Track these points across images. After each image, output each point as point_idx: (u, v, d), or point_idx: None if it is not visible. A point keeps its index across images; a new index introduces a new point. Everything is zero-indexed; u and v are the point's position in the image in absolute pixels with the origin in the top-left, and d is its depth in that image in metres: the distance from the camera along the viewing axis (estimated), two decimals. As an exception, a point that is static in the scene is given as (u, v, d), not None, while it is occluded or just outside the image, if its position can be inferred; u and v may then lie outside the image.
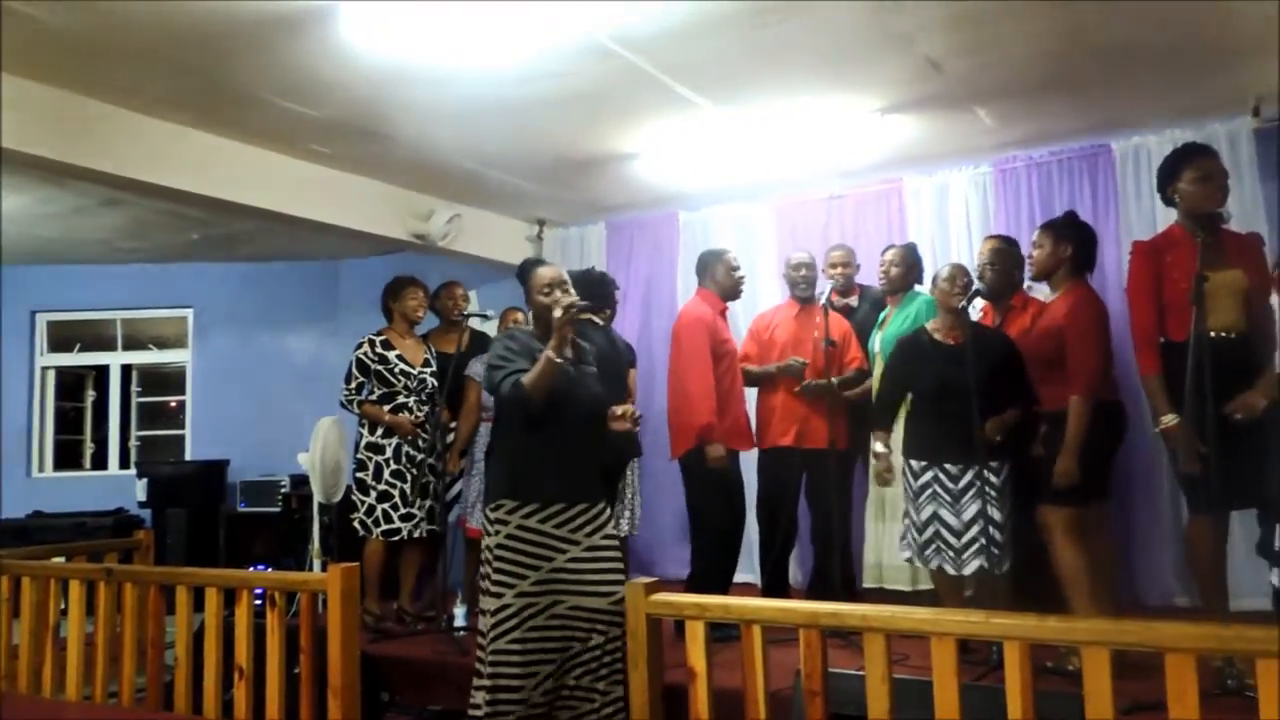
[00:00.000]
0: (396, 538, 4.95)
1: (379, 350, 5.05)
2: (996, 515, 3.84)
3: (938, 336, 4.08)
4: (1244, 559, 4.03)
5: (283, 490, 6.98)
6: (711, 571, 4.46)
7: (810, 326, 4.76)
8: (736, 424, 4.65)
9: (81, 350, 8.31)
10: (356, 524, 4.98)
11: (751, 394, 4.89)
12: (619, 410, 3.43)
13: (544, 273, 3.49)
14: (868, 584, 4.90)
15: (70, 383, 8.52)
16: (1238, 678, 3.12)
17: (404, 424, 4.98)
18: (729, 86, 4.46)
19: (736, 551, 4.67)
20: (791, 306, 4.92)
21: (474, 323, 5.39)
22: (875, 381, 4.63)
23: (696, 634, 2.30)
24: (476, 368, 5.24)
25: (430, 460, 5.03)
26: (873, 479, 4.46)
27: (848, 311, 5.04)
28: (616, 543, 3.39)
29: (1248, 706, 2.34)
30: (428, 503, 5.02)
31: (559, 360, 3.21)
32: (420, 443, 5.02)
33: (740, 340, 5.01)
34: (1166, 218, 4.27)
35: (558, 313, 3.28)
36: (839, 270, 5.04)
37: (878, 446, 4.22)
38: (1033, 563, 3.93)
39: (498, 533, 3.26)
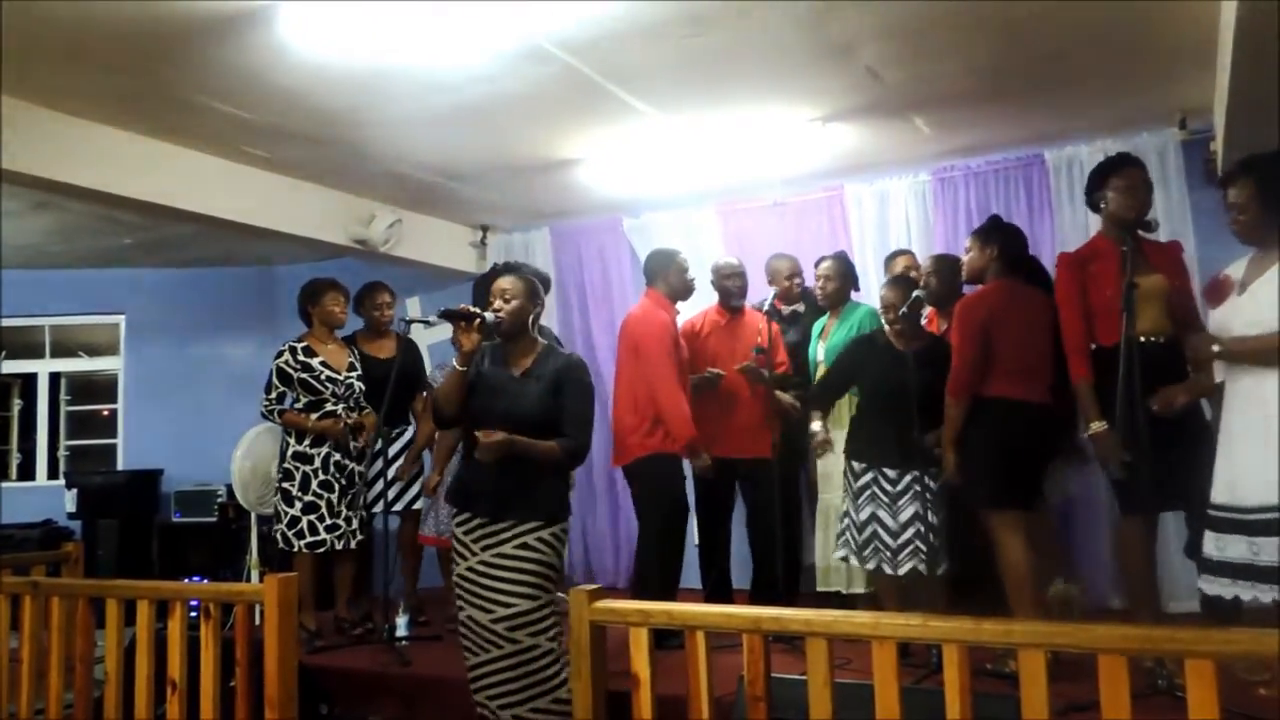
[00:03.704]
0: (322, 550, 4.81)
1: (300, 358, 4.89)
2: (932, 518, 3.93)
3: (894, 341, 4.15)
4: (1179, 562, 4.13)
5: (219, 500, 6.82)
6: (657, 578, 4.45)
7: (740, 334, 4.77)
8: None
9: (8, 358, 8.07)
10: (278, 536, 4.82)
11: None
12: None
13: (495, 285, 3.48)
14: (819, 588, 4.92)
15: (-4, 391, 8.29)
16: (1168, 678, 3.18)
17: (333, 426, 4.85)
18: (671, 93, 4.48)
19: (681, 557, 4.66)
20: (720, 314, 4.88)
21: (416, 328, 5.30)
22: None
23: (640, 641, 2.29)
24: (436, 373, 5.19)
25: (360, 469, 4.94)
26: (813, 450, 4.51)
27: (794, 317, 5.07)
28: (528, 559, 3.23)
29: (1178, 706, 2.39)
30: (358, 513, 4.92)
31: (463, 369, 3.31)
32: (351, 450, 4.93)
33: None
34: (1097, 225, 4.37)
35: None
36: (787, 280, 5.07)
37: (815, 425, 4.33)
38: (974, 566, 4.00)
39: None
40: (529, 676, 3.18)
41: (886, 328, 4.22)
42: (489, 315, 3.32)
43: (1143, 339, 3.40)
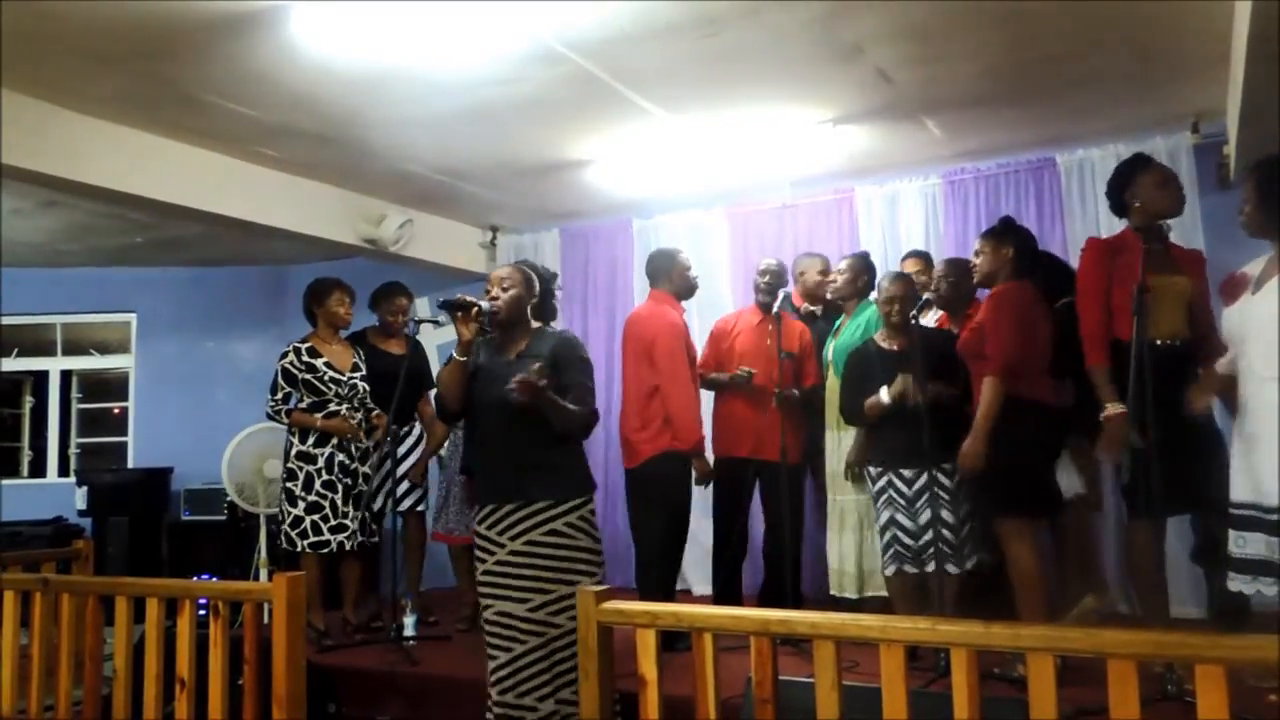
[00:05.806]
0: (325, 550, 4.79)
1: (305, 358, 4.88)
2: (949, 517, 3.93)
3: (884, 345, 4.16)
4: (1187, 568, 4.10)
5: (228, 499, 6.83)
6: (656, 581, 4.43)
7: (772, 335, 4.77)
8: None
9: (20, 355, 8.10)
10: (283, 537, 4.81)
11: (706, 399, 4.87)
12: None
13: (492, 274, 3.47)
14: (818, 591, 4.91)
15: (7, 389, 8.30)
16: (1177, 683, 3.17)
17: (342, 425, 4.84)
18: (681, 94, 4.48)
19: (679, 560, 4.65)
20: (755, 313, 4.89)
21: (426, 329, 5.27)
22: (828, 392, 4.64)
23: (647, 642, 2.29)
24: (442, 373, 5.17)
25: (364, 469, 4.94)
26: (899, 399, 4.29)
27: (812, 318, 5.05)
28: (562, 545, 3.20)
29: (1187, 711, 2.38)
30: (361, 513, 4.90)
31: (462, 359, 3.29)
32: (354, 450, 4.93)
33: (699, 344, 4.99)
34: (1109, 228, 4.36)
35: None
36: (820, 275, 5.04)
37: (885, 398, 4.15)
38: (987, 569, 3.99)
39: None
40: (563, 664, 3.13)
41: (879, 329, 4.22)
42: (485, 304, 3.31)
43: (1160, 341, 3.39)
